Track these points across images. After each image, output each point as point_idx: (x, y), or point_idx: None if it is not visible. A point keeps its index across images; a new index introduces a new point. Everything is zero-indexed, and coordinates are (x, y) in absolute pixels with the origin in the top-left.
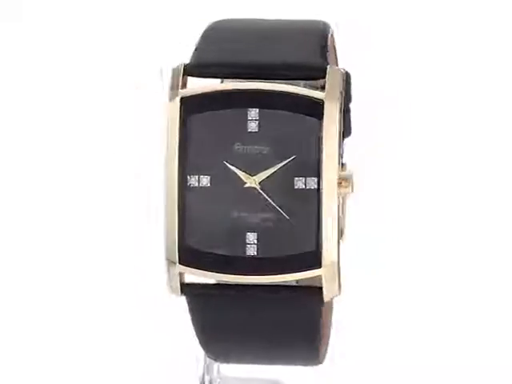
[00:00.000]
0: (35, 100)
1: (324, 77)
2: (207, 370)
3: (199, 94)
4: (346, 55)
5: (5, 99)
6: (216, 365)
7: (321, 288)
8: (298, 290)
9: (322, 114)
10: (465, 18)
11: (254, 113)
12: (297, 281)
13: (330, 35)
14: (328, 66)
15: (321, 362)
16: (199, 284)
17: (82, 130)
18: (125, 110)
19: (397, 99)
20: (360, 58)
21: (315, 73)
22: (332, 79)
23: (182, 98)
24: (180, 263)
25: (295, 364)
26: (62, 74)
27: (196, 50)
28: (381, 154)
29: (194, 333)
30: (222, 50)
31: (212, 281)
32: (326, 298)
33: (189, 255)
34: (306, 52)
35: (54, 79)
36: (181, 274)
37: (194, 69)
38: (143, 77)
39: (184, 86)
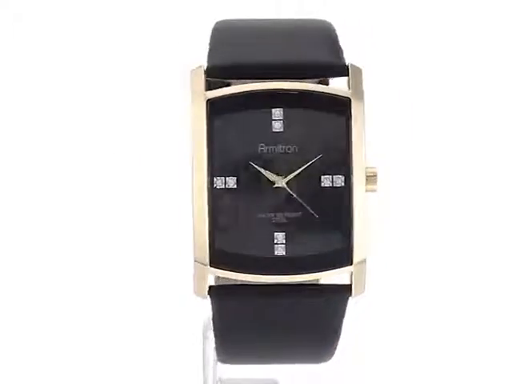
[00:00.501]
0: (49, 102)
1: (345, 74)
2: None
3: (225, 96)
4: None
5: (8, 100)
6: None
7: (346, 285)
8: (325, 288)
9: (349, 112)
10: (465, 18)
11: (278, 112)
12: (317, 279)
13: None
14: (349, 64)
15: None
16: (226, 285)
17: (108, 133)
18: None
19: (397, 99)
20: (358, 57)
21: (337, 71)
22: (355, 77)
23: (208, 100)
24: (211, 265)
25: (308, 362)
26: (79, 76)
27: (212, 50)
28: (382, 153)
29: (215, 335)
30: (242, 50)
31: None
32: (354, 296)
33: (219, 257)
34: (324, 50)
35: (72, 82)
36: (210, 276)
37: (216, 70)
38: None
39: (209, 87)
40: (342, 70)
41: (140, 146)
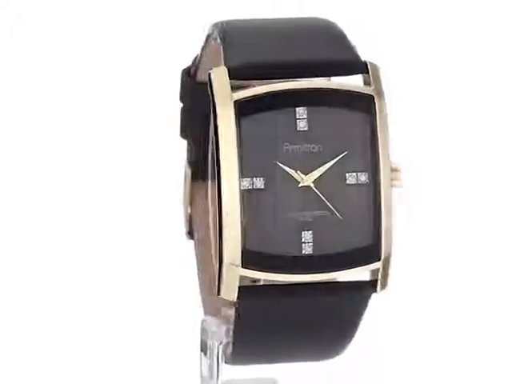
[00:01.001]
0: (49, 101)
1: (365, 72)
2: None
3: (250, 97)
4: None
5: (8, 100)
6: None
7: (368, 282)
8: (348, 285)
9: (373, 109)
10: (465, 18)
11: (302, 111)
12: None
13: None
14: (368, 61)
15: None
16: (254, 286)
17: (108, 133)
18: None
19: (396, 99)
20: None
21: (357, 68)
22: (375, 74)
23: (235, 102)
24: (243, 266)
25: (321, 359)
26: (83, 77)
27: (231, 51)
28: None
29: (236, 336)
30: (262, 50)
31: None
32: (378, 292)
33: (249, 258)
34: (340, 48)
35: (75, 84)
36: (241, 278)
37: (239, 71)
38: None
39: (235, 88)
40: (362, 68)
41: (140, 146)
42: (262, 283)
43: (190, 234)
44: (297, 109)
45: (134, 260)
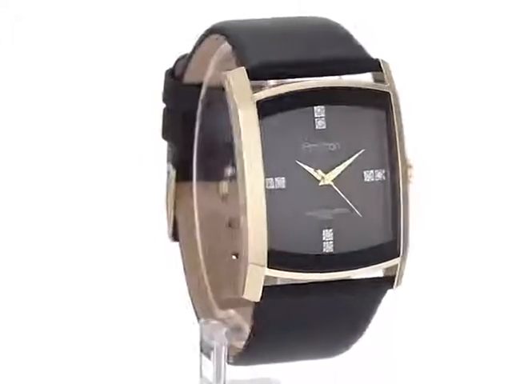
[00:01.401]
0: (49, 101)
1: (379, 69)
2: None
3: (272, 97)
4: None
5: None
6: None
7: (384, 278)
8: (365, 282)
9: (390, 106)
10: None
11: (320, 110)
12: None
13: None
14: (380, 59)
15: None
16: (275, 286)
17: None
18: None
19: None
20: None
21: (370, 65)
22: (388, 71)
23: (257, 102)
24: (268, 267)
25: (328, 357)
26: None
27: (246, 51)
28: None
29: (250, 337)
30: (277, 49)
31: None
32: (395, 288)
33: (275, 258)
34: (351, 46)
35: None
36: (265, 278)
37: (258, 71)
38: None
39: (254, 89)
40: (376, 65)
41: (139, 146)
42: (279, 282)
43: (175, 235)
44: (315, 108)
45: (119, 260)
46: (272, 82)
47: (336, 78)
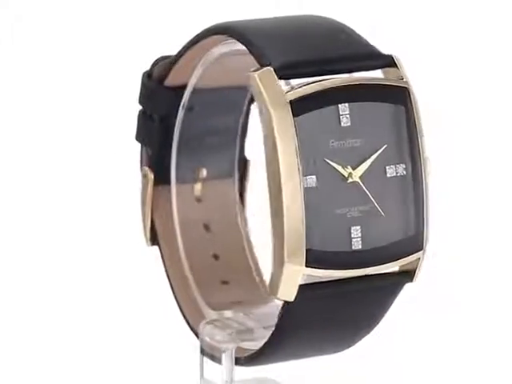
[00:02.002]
0: (49, 101)
1: (394, 65)
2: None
3: (303, 96)
4: None
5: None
6: None
7: (402, 272)
8: (388, 276)
9: (409, 101)
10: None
11: (344, 107)
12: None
13: None
14: (393, 55)
15: None
16: (307, 284)
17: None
18: None
19: None
20: None
21: (386, 61)
22: (401, 67)
23: (290, 101)
24: (306, 266)
25: (339, 351)
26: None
27: (267, 52)
28: None
29: (274, 336)
30: (297, 48)
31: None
32: (413, 281)
33: (311, 257)
34: (364, 43)
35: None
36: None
37: (284, 71)
38: None
39: (292, 89)
40: (391, 61)
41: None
42: (308, 281)
43: (153, 239)
44: (339, 105)
45: (119, 260)
46: (296, 81)
47: (357, 75)
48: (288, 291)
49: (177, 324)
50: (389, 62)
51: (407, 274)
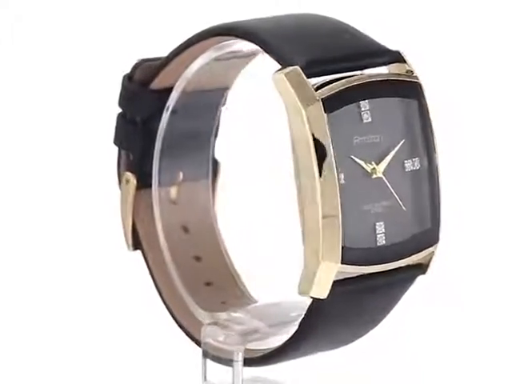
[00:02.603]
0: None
1: (402, 61)
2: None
3: (332, 94)
4: None
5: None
6: None
7: (419, 265)
8: (405, 269)
9: (421, 95)
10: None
11: (365, 104)
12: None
13: None
14: (400, 51)
15: None
16: (338, 281)
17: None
18: None
19: None
20: None
21: (397, 57)
22: (409, 62)
23: (322, 99)
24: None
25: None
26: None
27: (289, 51)
28: None
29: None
30: (316, 46)
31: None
32: (425, 273)
33: (346, 254)
34: (369, 41)
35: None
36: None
37: (308, 69)
38: None
39: (319, 87)
40: (400, 57)
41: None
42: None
43: (135, 245)
44: (361, 102)
45: (119, 262)
46: (318, 79)
47: (375, 71)
48: (322, 288)
49: (176, 326)
50: (397, 58)
51: (420, 267)
